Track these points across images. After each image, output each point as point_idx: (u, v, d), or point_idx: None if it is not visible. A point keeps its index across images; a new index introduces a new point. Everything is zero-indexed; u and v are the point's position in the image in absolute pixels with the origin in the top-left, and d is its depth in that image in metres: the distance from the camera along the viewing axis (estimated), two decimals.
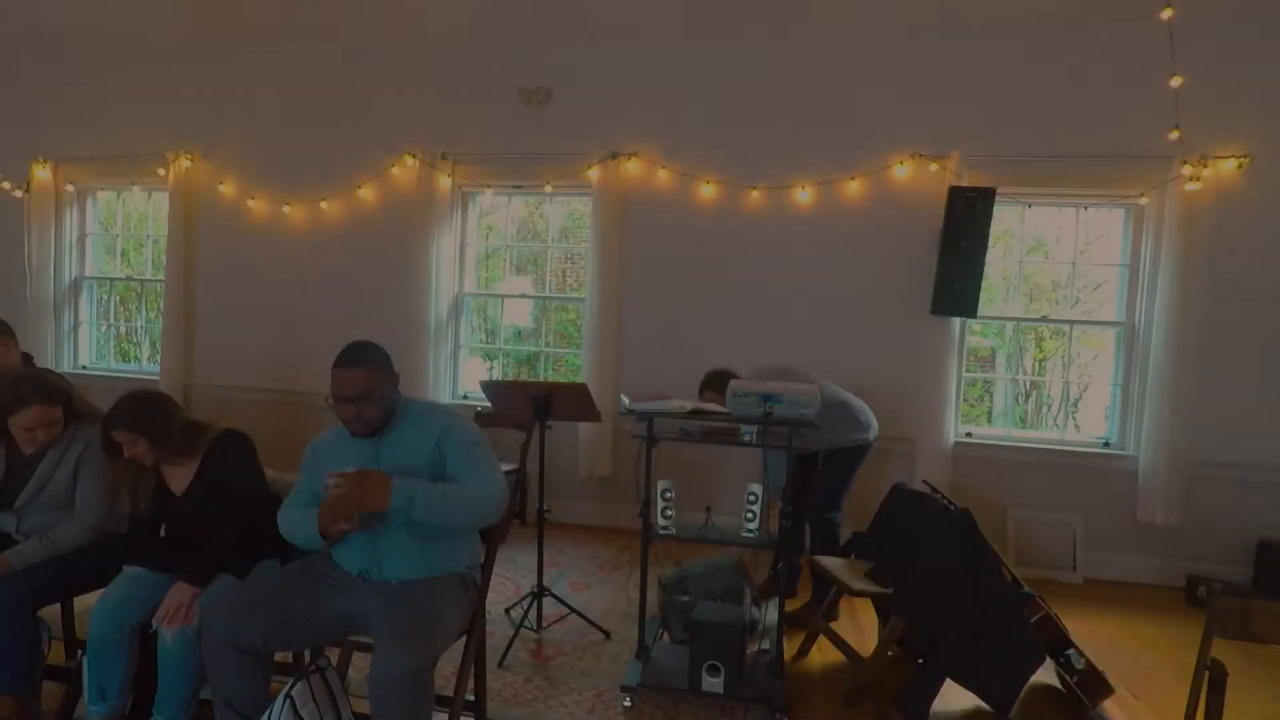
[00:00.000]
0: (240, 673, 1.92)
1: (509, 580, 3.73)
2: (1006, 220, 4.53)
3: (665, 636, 3.01)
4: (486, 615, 2.36)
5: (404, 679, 1.78)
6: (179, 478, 2.26)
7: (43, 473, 2.31)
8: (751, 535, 2.72)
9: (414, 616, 1.90)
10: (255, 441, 2.36)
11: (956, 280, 4.09)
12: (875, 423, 3.56)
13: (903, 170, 4.30)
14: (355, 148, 4.95)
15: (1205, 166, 3.94)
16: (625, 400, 2.82)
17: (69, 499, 2.33)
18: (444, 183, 4.80)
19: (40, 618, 2.22)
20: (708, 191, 4.53)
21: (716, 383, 3.42)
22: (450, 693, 2.14)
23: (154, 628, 2.06)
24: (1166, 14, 3.33)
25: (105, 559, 2.27)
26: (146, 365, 5.71)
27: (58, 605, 2.56)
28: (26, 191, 5.39)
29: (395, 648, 1.81)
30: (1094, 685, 2.71)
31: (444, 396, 4.92)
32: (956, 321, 4.28)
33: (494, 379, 4.67)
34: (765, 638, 2.94)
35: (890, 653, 2.80)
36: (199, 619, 2.02)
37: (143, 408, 2.17)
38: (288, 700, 1.87)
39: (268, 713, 1.89)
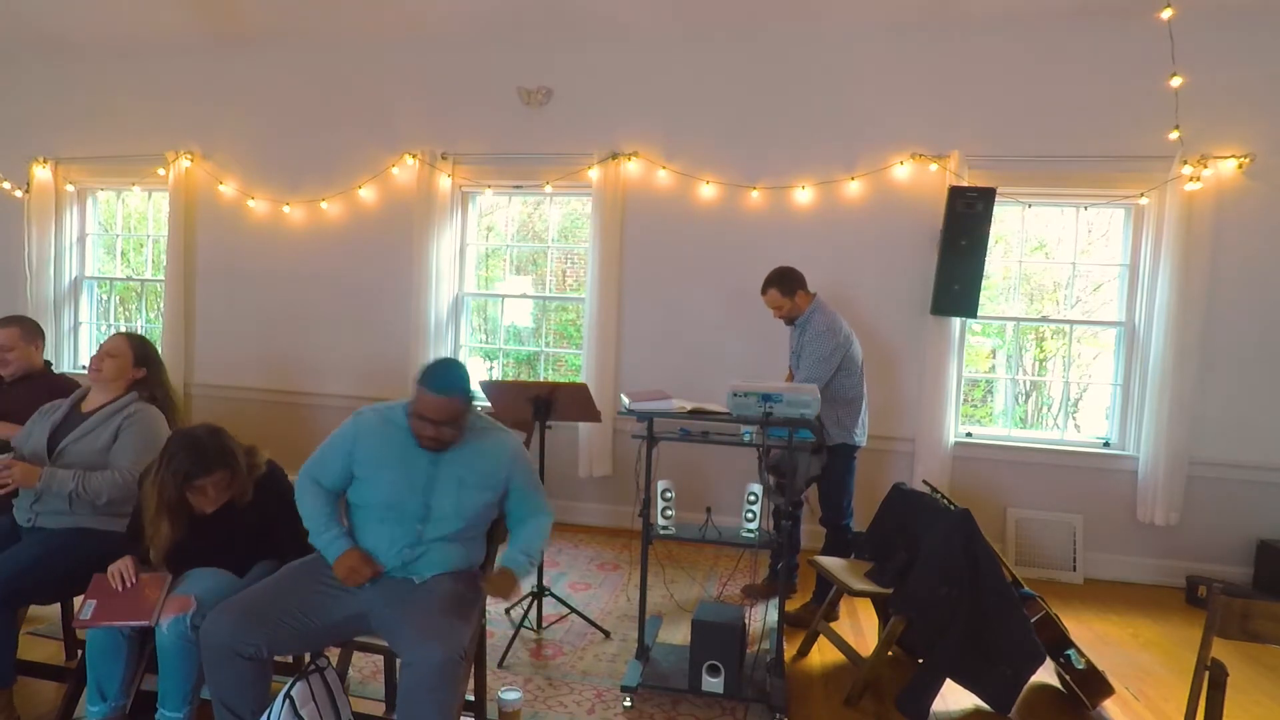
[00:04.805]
0: (241, 679, 1.91)
1: None
2: (1006, 220, 4.53)
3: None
4: (486, 615, 2.37)
5: (441, 670, 1.81)
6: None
7: (91, 423, 2.40)
8: (751, 535, 2.72)
9: (443, 610, 1.94)
10: (256, 443, 2.35)
11: (956, 280, 4.08)
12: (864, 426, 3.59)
13: (903, 170, 4.30)
14: (355, 148, 4.95)
15: (1205, 166, 3.94)
16: (625, 400, 2.82)
17: (97, 460, 2.36)
18: (444, 183, 4.80)
19: None
20: (708, 191, 4.53)
21: (782, 281, 3.46)
22: None
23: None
24: (1167, 14, 3.33)
25: (99, 558, 2.26)
26: None
27: (57, 605, 2.58)
28: (26, 191, 5.39)
29: (428, 640, 1.83)
30: (1094, 685, 2.72)
31: None
32: (956, 321, 4.28)
33: (494, 379, 4.67)
34: (765, 638, 2.94)
35: (890, 653, 2.79)
36: (195, 609, 2.02)
37: (219, 439, 2.12)
38: (287, 700, 1.87)
39: (267, 712, 1.88)
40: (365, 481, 2.09)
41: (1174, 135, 3.82)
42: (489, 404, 3.29)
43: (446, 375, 2.02)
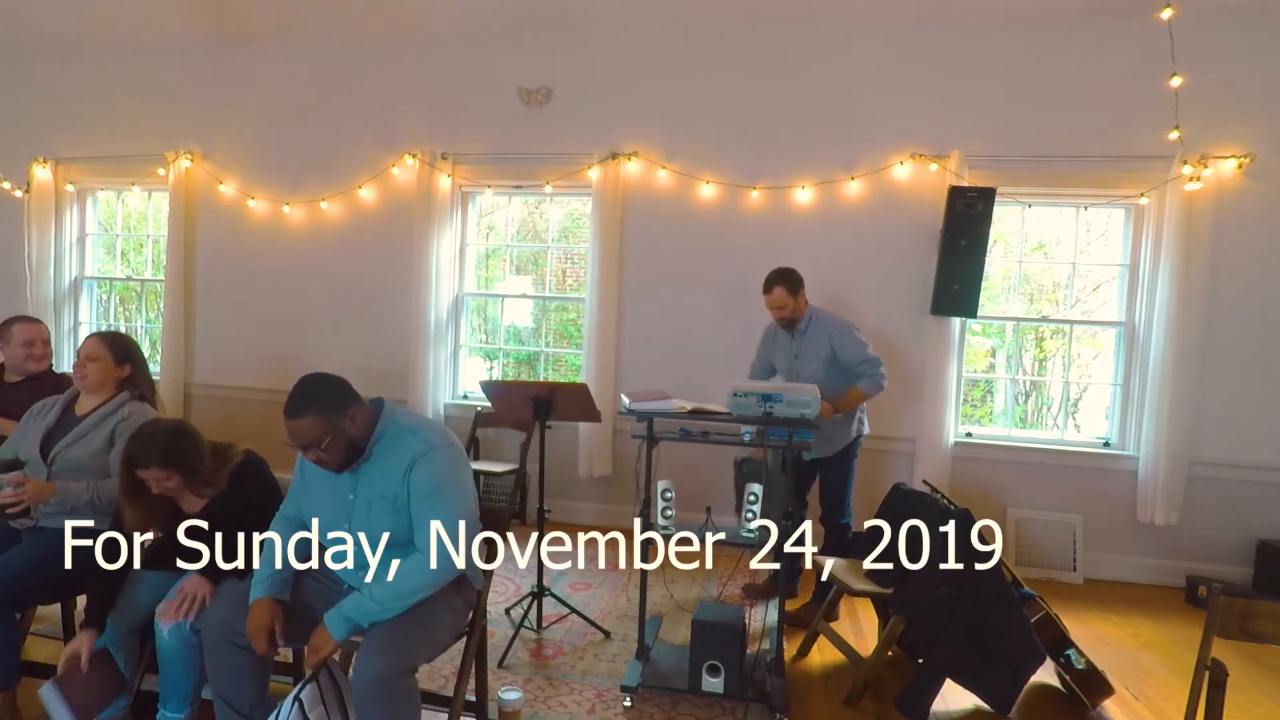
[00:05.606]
0: (239, 670, 1.92)
1: (509, 580, 3.73)
2: (1006, 220, 4.53)
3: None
4: (486, 615, 2.36)
5: (381, 684, 1.76)
6: (194, 500, 2.22)
7: (84, 427, 2.38)
8: (751, 535, 2.72)
9: (399, 622, 1.87)
10: (255, 443, 2.36)
11: (956, 280, 4.09)
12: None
13: (903, 170, 4.30)
14: (355, 148, 4.95)
15: (1205, 166, 3.94)
16: (625, 400, 2.82)
17: (93, 466, 2.35)
18: (444, 183, 4.80)
19: None
20: (708, 191, 4.53)
21: (786, 280, 3.43)
22: (450, 693, 2.14)
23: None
24: (1167, 14, 3.33)
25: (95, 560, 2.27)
26: None
27: (58, 605, 2.58)
28: (26, 191, 5.39)
29: (374, 653, 1.80)
30: (1094, 685, 2.72)
31: (444, 396, 4.93)
32: (956, 321, 4.28)
33: (494, 379, 4.67)
34: (765, 638, 2.94)
35: (890, 653, 2.79)
36: (196, 615, 2.02)
37: (175, 441, 2.07)
38: (296, 703, 1.86)
39: (275, 713, 1.88)
40: (308, 512, 2.09)
41: (1174, 135, 3.82)
42: (489, 404, 3.30)
43: (290, 398, 1.89)
